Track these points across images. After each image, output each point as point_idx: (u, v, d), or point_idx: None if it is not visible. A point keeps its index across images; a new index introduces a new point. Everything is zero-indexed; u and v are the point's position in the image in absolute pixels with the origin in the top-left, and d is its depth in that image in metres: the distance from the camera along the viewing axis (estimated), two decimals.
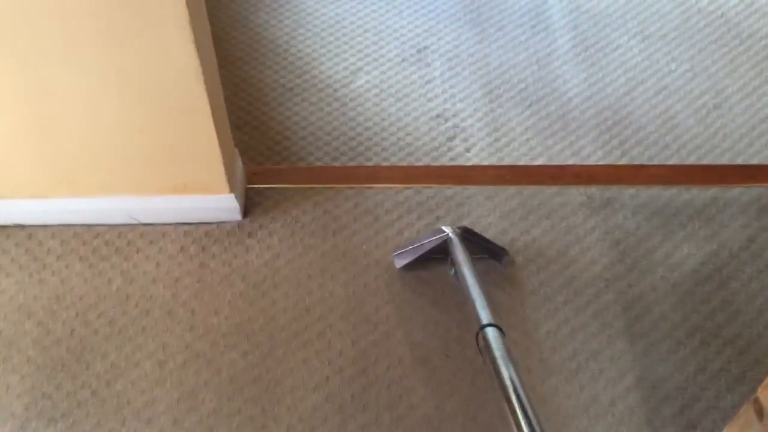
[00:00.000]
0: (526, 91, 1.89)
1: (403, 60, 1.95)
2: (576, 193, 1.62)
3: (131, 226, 1.55)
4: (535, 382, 1.34)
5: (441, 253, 1.44)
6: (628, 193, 1.63)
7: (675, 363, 1.36)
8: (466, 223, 1.56)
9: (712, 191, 1.63)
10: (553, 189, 1.62)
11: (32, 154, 1.39)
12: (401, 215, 1.58)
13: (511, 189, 1.63)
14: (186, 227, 1.55)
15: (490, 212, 1.59)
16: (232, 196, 1.49)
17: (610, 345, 1.39)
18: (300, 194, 1.62)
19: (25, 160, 1.41)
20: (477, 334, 1.21)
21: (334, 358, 1.37)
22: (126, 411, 1.30)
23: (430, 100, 1.86)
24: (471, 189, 1.63)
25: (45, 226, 1.54)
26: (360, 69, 1.93)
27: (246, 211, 1.58)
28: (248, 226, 1.56)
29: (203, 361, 1.36)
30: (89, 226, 1.55)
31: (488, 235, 1.53)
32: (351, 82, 1.90)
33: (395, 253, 1.49)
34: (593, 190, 1.63)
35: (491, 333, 1.19)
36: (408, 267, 1.48)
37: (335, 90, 1.88)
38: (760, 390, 1.06)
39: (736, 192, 1.63)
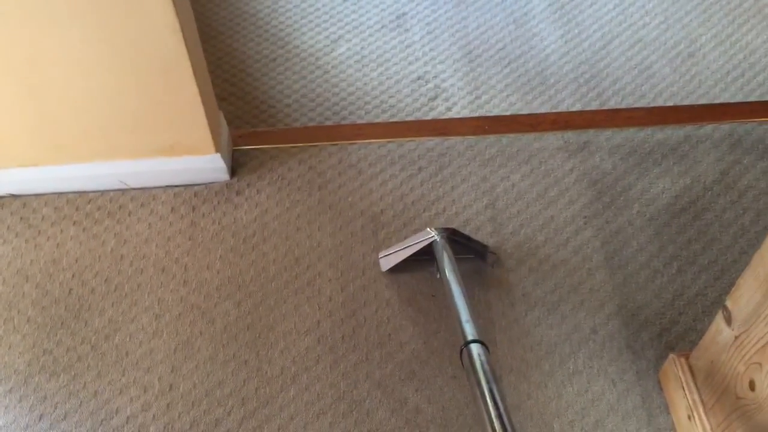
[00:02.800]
0: (505, 50, 1.93)
1: (383, 27, 2.00)
2: (553, 138, 1.67)
3: (122, 191, 1.59)
4: (518, 315, 1.38)
5: (427, 255, 1.41)
6: (604, 135, 1.67)
7: (653, 291, 1.41)
8: (447, 172, 1.60)
9: (685, 129, 1.67)
10: (531, 136, 1.66)
11: (21, 123, 1.44)
12: (384, 168, 1.63)
13: (491, 138, 1.67)
14: (175, 189, 1.59)
15: (470, 161, 1.63)
16: (218, 155, 1.54)
17: (590, 277, 1.43)
18: (285, 153, 1.66)
19: (14, 129, 1.45)
20: (461, 350, 1.18)
21: (324, 303, 1.41)
22: (125, 362, 1.35)
23: (410, 63, 1.90)
24: (451, 140, 1.67)
25: (38, 195, 1.59)
26: (341, 37, 1.97)
27: (233, 172, 1.62)
28: (236, 185, 1.60)
29: (198, 313, 1.41)
30: (81, 192, 1.59)
31: (469, 183, 1.58)
32: (332, 50, 1.94)
33: (381, 256, 1.46)
34: (570, 134, 1.67)
35: (475, 350, 1.16)
36: (394, 270, 1.45)
37: (317, 59, 1.92)
38: (727, 298, 1.10)
39: (709, 129, 1.67)
